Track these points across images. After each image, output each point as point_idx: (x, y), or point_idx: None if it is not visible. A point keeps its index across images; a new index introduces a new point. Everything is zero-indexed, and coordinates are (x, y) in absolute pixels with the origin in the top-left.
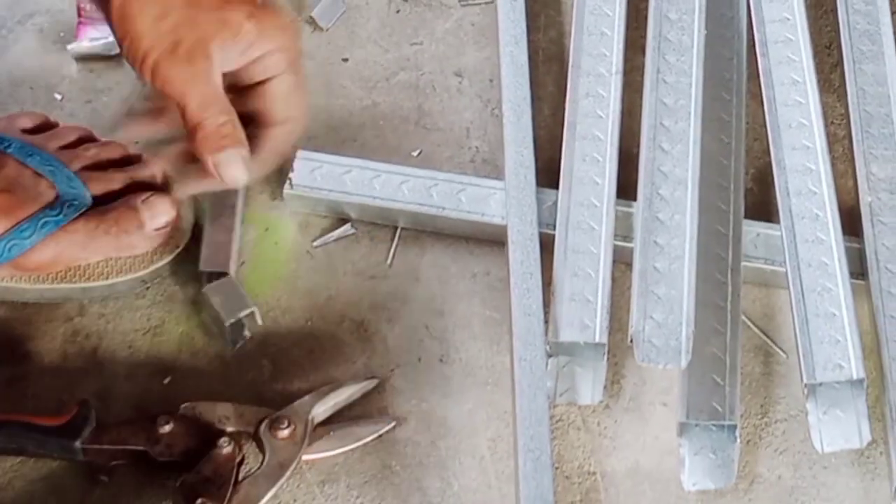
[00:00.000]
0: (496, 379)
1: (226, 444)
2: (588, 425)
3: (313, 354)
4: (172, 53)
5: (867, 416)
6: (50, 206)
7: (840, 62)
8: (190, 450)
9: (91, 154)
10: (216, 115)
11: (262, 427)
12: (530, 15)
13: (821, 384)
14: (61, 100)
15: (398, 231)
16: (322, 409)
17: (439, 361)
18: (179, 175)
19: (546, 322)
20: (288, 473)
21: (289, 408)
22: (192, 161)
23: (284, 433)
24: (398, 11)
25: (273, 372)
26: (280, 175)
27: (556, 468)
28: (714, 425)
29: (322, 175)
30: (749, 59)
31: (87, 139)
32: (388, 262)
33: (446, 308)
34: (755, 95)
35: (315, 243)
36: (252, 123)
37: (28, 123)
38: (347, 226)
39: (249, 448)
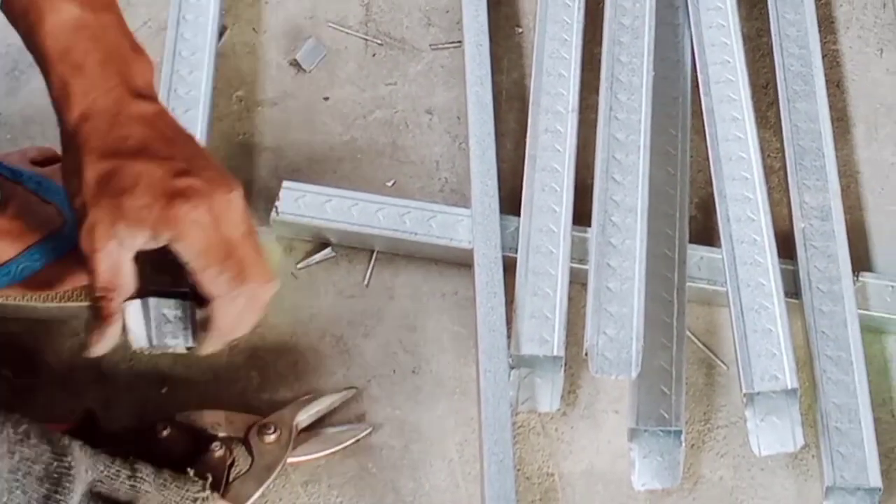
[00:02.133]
0: (463, 389)
1: (218, 448)
2: (547, 431)
3: (297, 366)
4: (81, 226)
5: (800, 423)
6: (58, 231)
7: (776, 101)
8: (186, 453)
9: None
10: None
11: (251, 432)
12: (494, 58)
13: (758, 393)
14: None
15: (374, 254)
16: (305, 416)
17: (412, 373)
18: None
19: (509, 337)
20: (274, 474)
21: (275, 415)
22: None
23: (271, 438)
24: (374, 55)
25: (260, 382)
26: (267, 203)
27: (518, 470)
28: (661, 431)
29: (305, 203)
30: (693, 98)
31: None
32: (365, 282)
33: (418, 324)
34: (699, 131)
35: (299, 265)
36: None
37: (38, 157)
38: (328, 249)
39: (239, 451)
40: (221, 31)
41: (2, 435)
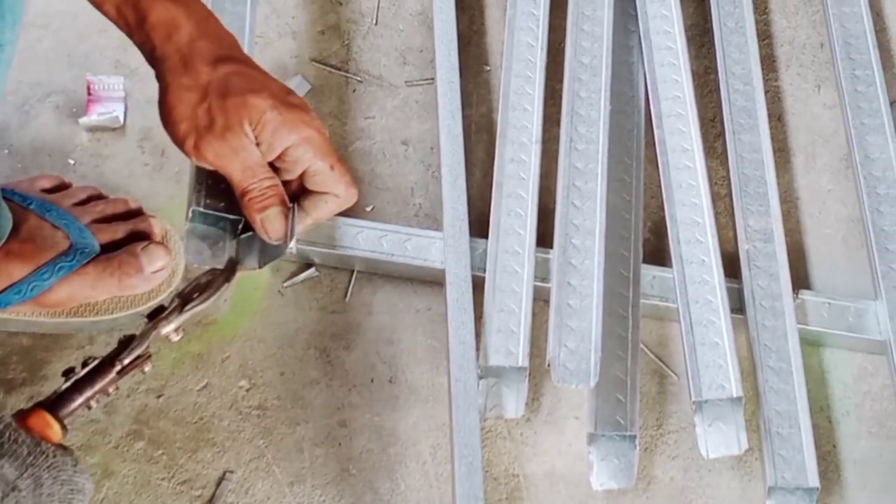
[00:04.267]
0: (436, 397)
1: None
2: (513, 435)
3: (283, 376)
4: (209, 133)
5: (745, 428)
6: (65, 253)
7: (722, 133)
8: None
9: (99, 209)
10: (259, 181)
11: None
12: (465, 94)
13: (706, 401)
14: (74, 164)
15: (354, 273)
16: None
17: (389, 382)
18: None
19: (477, 349)
20: None
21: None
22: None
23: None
24: (354, 91)
25: (249, 389)
26: None
27: (486, 471)
28: (618, 435)
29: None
30: (646, 130)
31: (95, 197)
32: (346, 299)
33: (395, 338)
34: (652, 160)
35: (285, 284)
36: (302, 194)
37: (46, 184)
38: (312, 269)
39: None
40: None
41: None
